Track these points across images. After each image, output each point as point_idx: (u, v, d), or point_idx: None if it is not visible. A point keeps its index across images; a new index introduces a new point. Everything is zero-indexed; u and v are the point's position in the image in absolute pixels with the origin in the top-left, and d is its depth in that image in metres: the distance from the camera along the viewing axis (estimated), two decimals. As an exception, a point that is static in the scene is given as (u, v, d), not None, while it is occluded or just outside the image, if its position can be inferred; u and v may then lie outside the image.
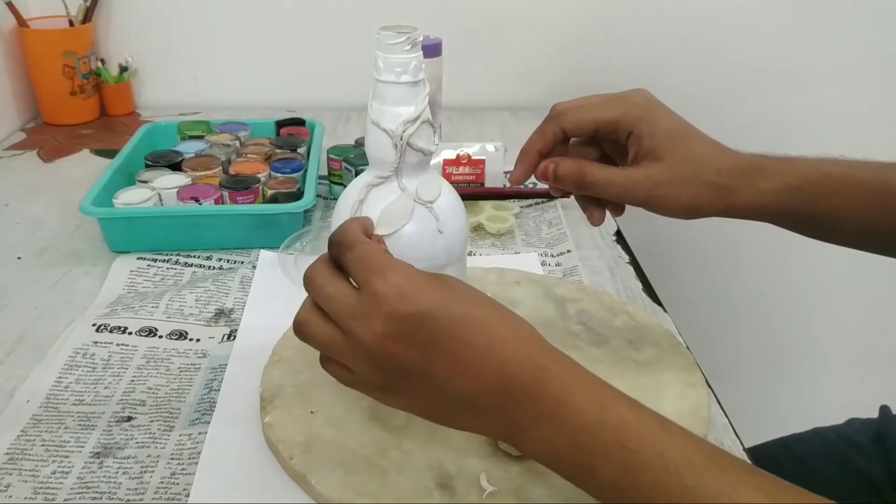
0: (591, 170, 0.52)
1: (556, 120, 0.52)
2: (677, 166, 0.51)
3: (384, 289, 0.38)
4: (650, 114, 0.52)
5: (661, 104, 0.53)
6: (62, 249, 0.78)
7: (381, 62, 0.48)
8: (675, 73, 1.21)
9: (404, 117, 0.48)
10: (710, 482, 0.35)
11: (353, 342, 0.39)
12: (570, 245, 0.81)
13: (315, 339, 0.41)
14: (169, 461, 0.51)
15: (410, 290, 0.38)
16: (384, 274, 0.38)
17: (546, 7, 1.18)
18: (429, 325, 0.38)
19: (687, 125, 0.53)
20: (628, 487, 0.36)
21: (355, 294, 0.39)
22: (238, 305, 0.69)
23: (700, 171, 0.51)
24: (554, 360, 0.39)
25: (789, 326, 1.41)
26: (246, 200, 0.78)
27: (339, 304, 0.39)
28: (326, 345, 0.41)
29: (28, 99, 1.13)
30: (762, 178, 0.52)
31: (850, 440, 0.75)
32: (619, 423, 0.37)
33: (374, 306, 0.38)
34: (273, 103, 1.17)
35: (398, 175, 0.51)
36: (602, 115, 0.52)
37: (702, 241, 1.31)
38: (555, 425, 0.38)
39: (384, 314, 0.38)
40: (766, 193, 0.52)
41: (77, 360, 0.61)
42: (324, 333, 0.40)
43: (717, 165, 0.51)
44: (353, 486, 0.46)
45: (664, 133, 0.51)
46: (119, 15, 1.17)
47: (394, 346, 0.38)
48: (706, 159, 0.51)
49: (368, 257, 0.40)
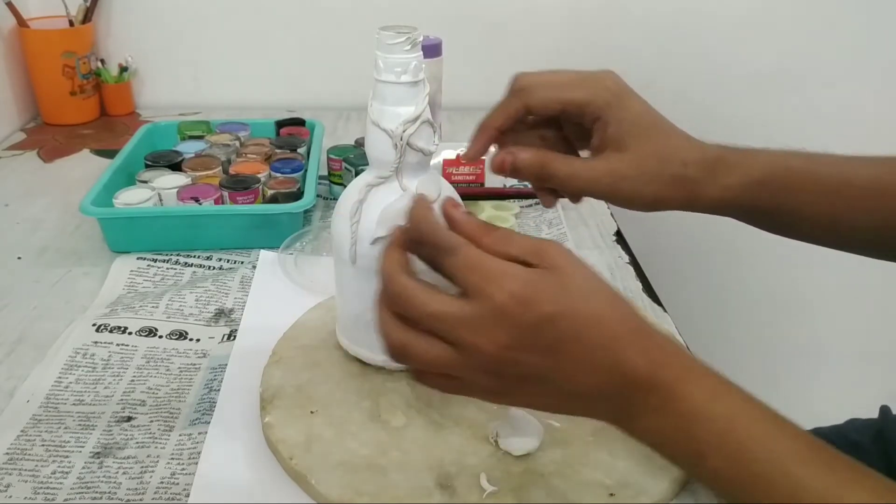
0: (553, 163, 0.50)
1: (521, 96, 0.50)
2: (642, 159, 0.49)
3: (503, 298, 0.36)
4: (620, 100, 0.49)
5: (631, 90, 0.51)
6: (62, 249, 0.78)
7: (381, 62, 0.48)
8: (675, 72, 1.21)
9: (404, 117, 0.48)
10: (818, 478, 0.35)
11: (472, 355, 0.37)
12: (571, 245, 0.81)
13: (421, 360, 0.39)
14: (169, 461, 0.51)
15: (530, 295, 0.36)
16: (500, 281, 0.37)
17: (546, 7, 1.18)
18: (551, 330, 0.37)
19: (655, 115, 0.51)
20: (736, 478, 0.37)
21: (465, 306, 0.37)
22: (238, 305, 0.69)
23: (665, 165, 0.49)
24: (665, 353, 0.39)
25: (789, 326, 1.41)
26: (246, 200, 0.78)
27: (451, 322, 0.37)
28: (436, 364, 0.39)
29: (28, 99, 1.13)
30: (726, 172, 0.50)
31: (850, 440, 0.75)
32: (730, 415, 0.37)
33: (495, 318, 0.36)
34: (273, 103, 1.17)
35: (398, 175, 0.51)
36: (571, 95, 0.49)
37: (702, 241, 1.31)
38: (665, 415, 0.38)
39: (507, 325, 0.36)
40: (729, 188, 0.51)
41: (77, 360, 0.61)
42: (432, 352, 0.38)
43: (683, 157, 0.50)
44: (353, 486, 0.46)
45: (632, 122, 0.49)
46: (119, 15, 1.17)
47: (519, 355, 0.37)
48: (673, 151, 0.50)
49: (476, 263, 0.37)
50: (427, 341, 0.38)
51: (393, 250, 0.41)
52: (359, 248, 0.51)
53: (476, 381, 0.39)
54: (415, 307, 0.38)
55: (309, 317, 0.63)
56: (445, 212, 0.41)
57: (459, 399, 0.53)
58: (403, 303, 0.38)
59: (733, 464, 0.37)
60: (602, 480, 0.46)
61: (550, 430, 0.50)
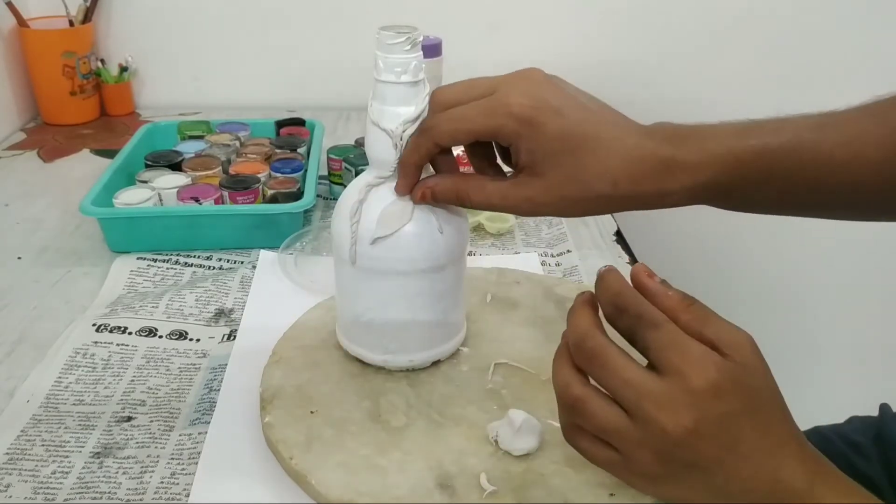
0: (468, 191, 0.48)
1: (429, 134, 0.47)
2: (560, 186, 0.46)
3: (700, 383, 0.36)
4: (530, 126, 0.45)
5: (552, 102, 0.46)
6: (62, 249, 0.78)
7: (381, 62, 0.48)
8: (675, 72, 1.21)
9: (404, 117, 0.48)
10: None
11: (651, 431, 0.36)
12: (570, 245, 0.81)
13: (594, 420, 0.38)
14: (169, 461, 0.51)
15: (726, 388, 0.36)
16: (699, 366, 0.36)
17: (546, 7, 1.18)
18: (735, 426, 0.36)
19: (580, 130, 0.46)
20: None
21: (657, 380, 0.36)
22: (238, 305, 0.69)
23: (588, 188, 0.46)
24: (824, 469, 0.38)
25: (789, 325, 1.41)
26: (246, 200, 0.78)
27: (641, 391, 0.37)
28: (606, 428, 0.38)
29: (28, 99, 1.13)
30: (670, 179, 0.46)
31: (849, 440, 0.75)
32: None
33: (687, 399, 0.36)
34: (273, 103, 1.17)
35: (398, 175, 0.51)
36: (476, 127, 0.46)
37: (702, 241, 1.31)
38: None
39: (697, 410, 0.36)
40: (672, 195, 0.47)
41: (77, 360, 0.61)
42: (608, 416, 0.38)
43: (613, 176, 0.45)
44: (353, 486, 0.46)
45: (545, 148, 0.45)
46: (119, 15, 1.17)
47: (699, 443, 0.36)
48: (600, 171, 0.45)
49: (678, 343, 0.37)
50: (607, 403, 0.38)
51: (586, 308, 0.40)
52: (359, 248, 0.51)
53: (639, 458, 0.38)
54: (610, 369, 0.38)
55: (309, 317, 0.63)
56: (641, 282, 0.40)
57: (459, 399, 0.53)
58: (600, 362, 0.38)
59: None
60: (602, 480, 0.46)
61: (550, 430, 0.50)
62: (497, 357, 0.58)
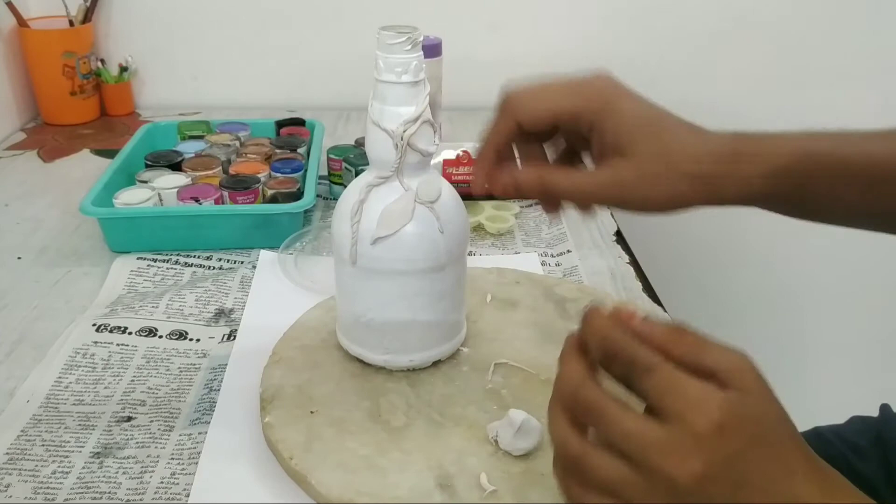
0: (553, 177, 0.47)
1: (511, 113, 0.47)
2: (647, 162, 0.46)
3: (704, 427, 0.34)
4: (613, 104, 0.46)
5: (627, 91, 0.48)
6: (62, 249, 0.78)
7: (382, 62, 0.48)
8: (675, 72, 1.21)
9: (405, 117, 0.49)
10: None
11: (659, 482, 0.35)
12: (570, 245, 0.81)
13: (596, 475, 0.36)
14: (169, 461, 0.51)
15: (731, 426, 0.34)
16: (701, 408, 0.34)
17: (545, 7, 1.18)
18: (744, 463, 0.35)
19: (657, 113, 0.47)
20: None
21: (659, 428, 0.35)
22: (238, 305, 0.69)
23: (674, 164, 0.46)
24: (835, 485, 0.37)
25: (789, 325, 1.41)
26: (246, 200, 0.78)
27: (643, 443, 0.35)
28: (610, 483, 0.36)
29: (28, 99, 1.13)
30: (746, 163, 0.47)
31: (849, 441, 0.75)
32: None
33: (693, 445, 0.34)
34: (273, 103, 1.17)
35: (399, 175, 0.51)
36: (560, 106, 0.46)
37: (702, 241, 1.31)
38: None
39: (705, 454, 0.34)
40: (751, 180, 0.47)
41: (77, 360, 0.61)
42: (612, 471, 0.36)
43: (694, 154, 0.46)
44: (353, 486, 0.46)
45: (629, 125, 0.46)
46: (119, 15, 1.17)
47: (711, 487, 0.35)
48: (681, 149, 0.46)
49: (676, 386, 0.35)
50: (609, 457, 0.36)
51: (575, 355, 0.38)
52: (359, 248, 0.51)
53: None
54: (609, 422, 0.36)
55: (309, 317, 0.63)
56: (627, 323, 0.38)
57: (459, 399, 0.53)
58: (597, 414, 0.36)
59: None
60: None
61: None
62: (497, 357, 0.58)
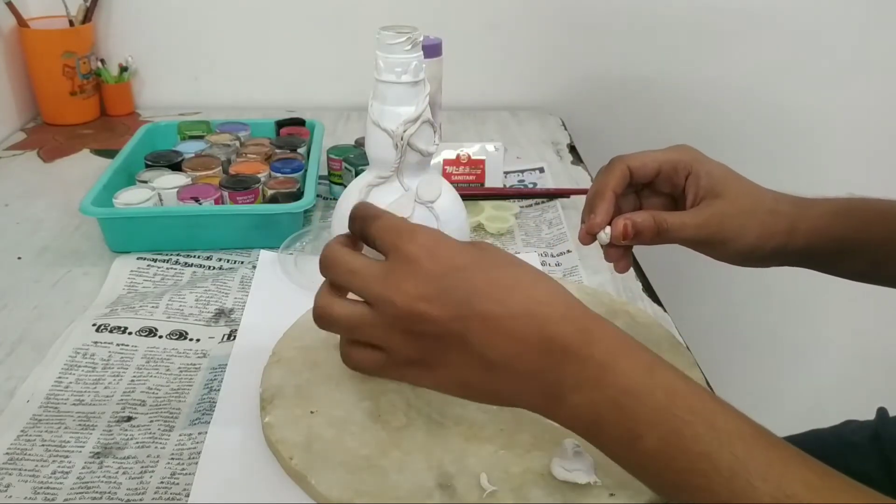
0: (664, 217, 0.54)
1: (621, 161, 0.55)
2: (739, 199, 0.54)
3: (415, 250, 0.38)
4: (703, 159, 0.56)
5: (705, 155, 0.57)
6: (62, 249, 0.78)
7: (382, 62, 0.48)
8: (675, 71, 1.21)
9: (405, 117, 0.49)
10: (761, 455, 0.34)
11: (385, 310, 0.38)
12: (570, 245, 0.81)
13: (340, 321, 0.41)
14: (169, 461, 0.51)
15: (442, 250, 0.38)
16: (414, 236, 0.38)
17: (545, 7, 1.18)
18: (462, 284, 0.37)
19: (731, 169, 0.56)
20: (674, 457, 0.35)
21: (381, 264, 0.39)
22: (238, 305, 0.69)
23: (760, 202, 0.54)
24: (599, 324, 0.38)
25: (788, 327, 1.42)
26: (246, 200, 0.78)
27: (365, 276, 0.39)
28: (353, 324, 0.40)
29: (28, 99, 1.13)
30: (812, 205, 0.55)
31: (846, 441, 0.75)
32: (669, 390, 0.36)
33: (405, 269, 0.38)
34: (273, 103, 1.17)
35: (399, 175, 0.51)
36: (664, 156, 0.55)
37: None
38: (599, 389, 0.37)
39: (416, 274, 0.37)
40: (821, 216, 0.54)
41: (77, 360, 0.61)
42: (349, 312, 0.40)
43: (773, 196, 0.55)
44: (353, 486, 0.46)
45: (718, 174, 0.54)
46: (119, 15, 1.17)
47: (428, 307, 0.37)
48: (762, 192, 0.55)
49: (396, 224, 0.40)
50: (348, 303, 0.40)
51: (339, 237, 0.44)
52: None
53: (393, 346, 0.39)
54: (335, 265, 0.41)
55: (309, 317, 0.62)
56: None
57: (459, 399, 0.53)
58: (330, 263, 0.41)
59: (671, 442, 0.35)
60: (602, 480, 0.46)
61: (550, 429, 0.50)
62: (497, 357, 0.57)
